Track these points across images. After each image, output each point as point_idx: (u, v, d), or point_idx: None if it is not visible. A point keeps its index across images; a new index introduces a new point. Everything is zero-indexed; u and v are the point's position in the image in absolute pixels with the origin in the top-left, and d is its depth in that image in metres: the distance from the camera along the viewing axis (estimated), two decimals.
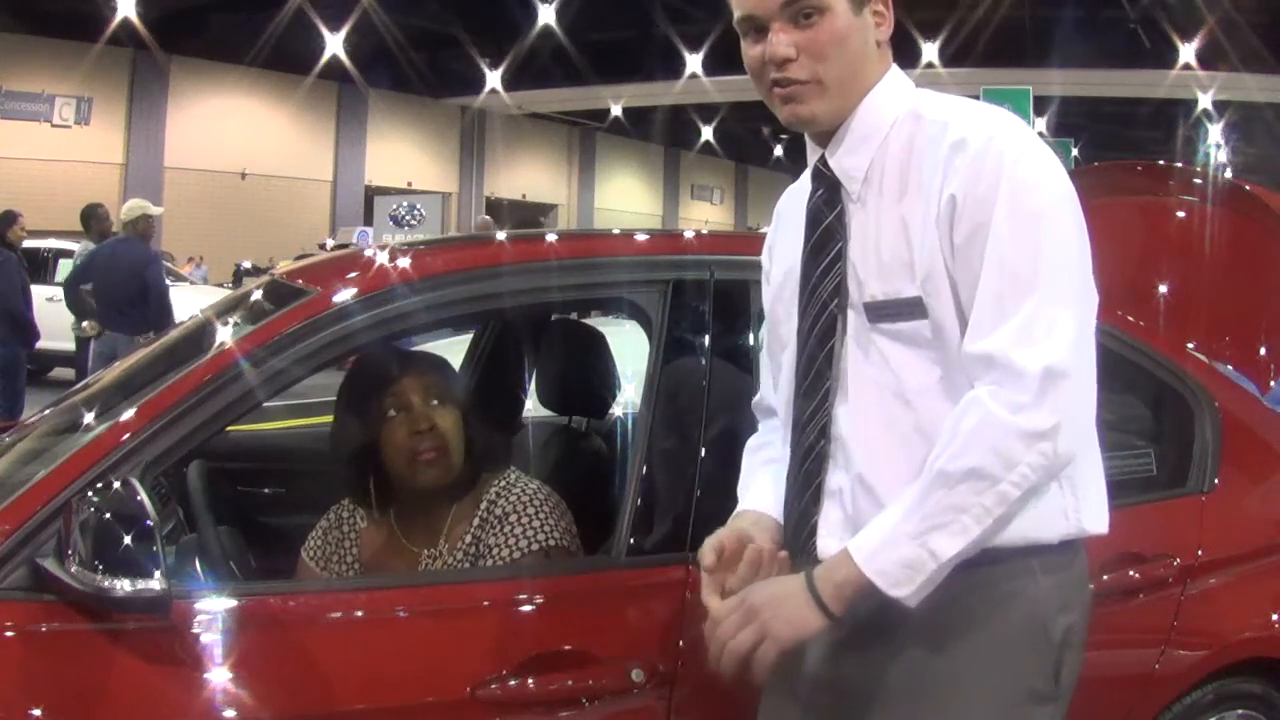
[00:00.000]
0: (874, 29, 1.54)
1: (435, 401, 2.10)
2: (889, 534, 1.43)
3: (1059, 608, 1.52)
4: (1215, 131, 24.44)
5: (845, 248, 1.55)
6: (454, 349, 3.19)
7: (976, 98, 1.64)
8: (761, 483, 1.73)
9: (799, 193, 1.69)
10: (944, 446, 1.43)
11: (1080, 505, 1.53)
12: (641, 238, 2.41)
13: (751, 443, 1.81)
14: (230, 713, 1.66)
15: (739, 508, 1.70)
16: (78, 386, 2.65)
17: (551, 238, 2.31)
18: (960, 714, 1.50)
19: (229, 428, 1.95)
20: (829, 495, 1.57)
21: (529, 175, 30.14)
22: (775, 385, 1.74)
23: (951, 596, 1.45)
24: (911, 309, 1.49)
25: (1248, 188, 2.69)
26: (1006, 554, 1.48)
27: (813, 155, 1.62)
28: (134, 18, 17.54)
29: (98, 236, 8.28)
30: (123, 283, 7.37)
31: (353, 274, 2.06)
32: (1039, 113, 19.66)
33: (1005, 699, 1.51)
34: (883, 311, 1.51)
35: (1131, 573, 2.13)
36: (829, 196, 1.58)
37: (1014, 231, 1.43)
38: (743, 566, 1.56)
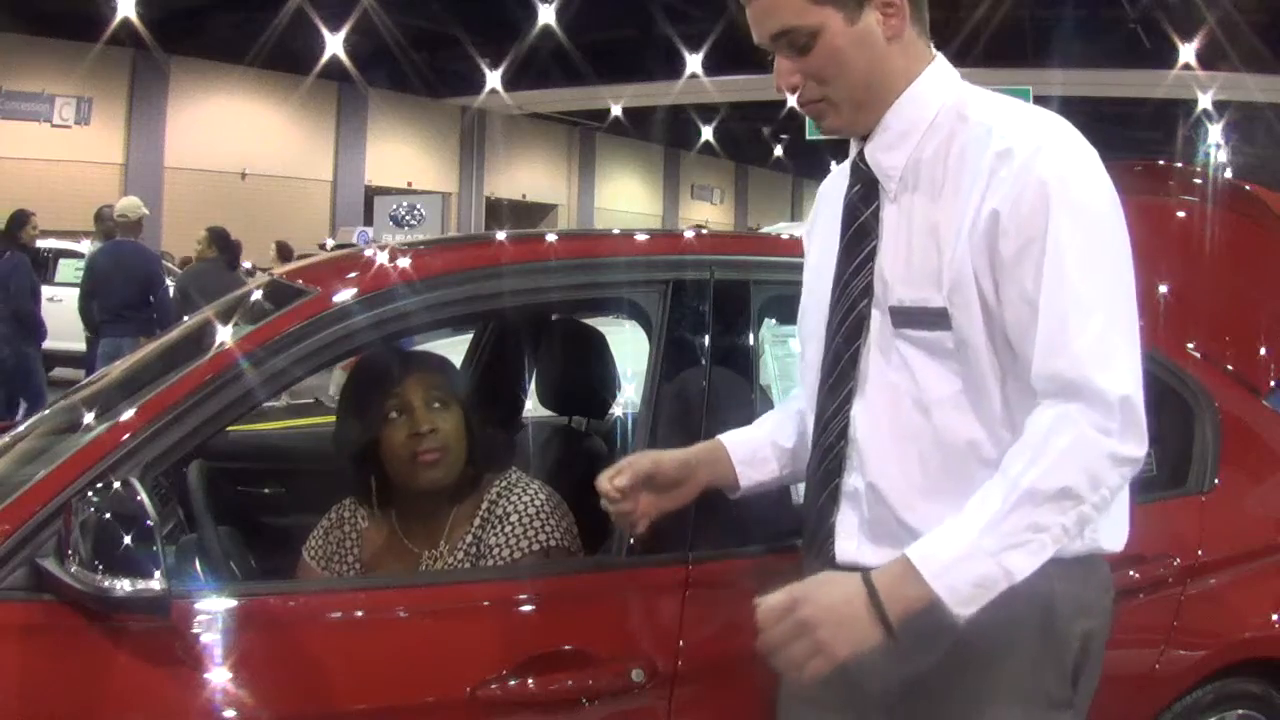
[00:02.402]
0: (880, 27, 1.49)
1: (437, 404, 2.09)
2: (965, 550, 1.37)
3: (1076, 612, 1.51)
4: (1215, 131, 24.42)
5: (877, 246, 1.53)
6: (454, 349, 3.19)
7: None
8: (761, 424, 1.78)
9: (838, 179, 1.68)
10: (1031, 462, 1.38)
11: (1099, 524, 1.50)
12: (641, 238, 2.41)
13: (794, 392, 1.82)
14: (230, 713, 1.66)
15: (721, 435, 1.77)
16: (78, 386, 2.65)
17: (551, 238, 2.31)
18: (977, 717, 1.50)
19: (229, 428, 1.95)
20: (846, 497, 1.57)
21: (529, 175, 30.12)
22: (804, 374, 1.73)
23: None
24: (936, 319, 1.47)
25: (1248, 188, 2.69)
26: None
27: (854, 147, 1.60)
28: (134, 18, 17.51)
29: (103, 237, 8.31)
30: (124, 285, 7.37)
31: (353, 274, 2.05)
32: None
33: (1022, 703, 1.50)
34: (908, 318, 1.49)
35: (1131, 573, 2.13)
36: (865, 193, 1.56)
37: (1075, 250, 1.39)
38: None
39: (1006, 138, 1.44)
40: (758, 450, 1.75)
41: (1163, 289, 2.54)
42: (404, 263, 2.04)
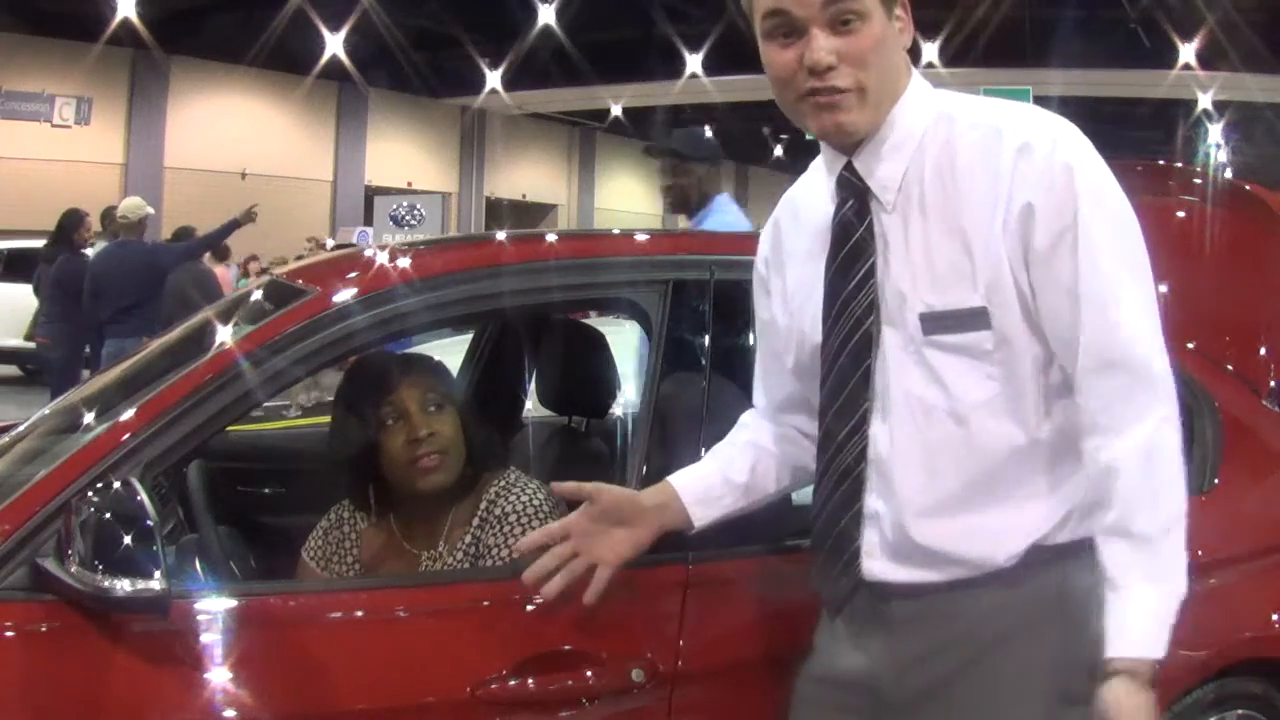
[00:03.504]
0: (899, 33, 1.51)
1: (433, 408, 2.09)
2: (1148, 615, 1.43)
3: (1095, 608, 1.51)
4: (1215, 131, 24.41)
5: (877, 261, 1.52)
6: (454, 349, 3.19)
7: None
8: (712, 460, 1.76)
9: (804, 198, 1.65)
10: (1150, 509, 1.42)
11: None
12: (641, 238, 2.41)
13: (745, 417, 1.81)
14: (230, 713, 1.66)
15: (670, 476, 1.74)
16: (79, 386, 2.65)
17: (551, 238, 2.31)
18: (1001, 716, 1.50)
19: (229, 428, 1.95)
20: (868, 519, 1.55)
21: (529, 175, 30.09)
22: (768, 387, 1.74)
23: (994, 601, 1.46)
24: (974, 320, 1.46)
25: (1248, 188, 2.69)
26: (1050, 554, 1.49)
27: (833, 163, 1.57)
28: (134, 18, 17.49)
29: (110, 238, 8.32)
30: (127, 285, 7.39)
31: (353, 274, 2.05)
32: None
33: (1042, 702, 1.50)
34: (941, 323, 1.47)
35: None
36: (859, 207, 1.53)
37: (1106, 236, 1.43)
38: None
39: (1020, 134, 1.45)
40: (710, 488, 1.73)
41: (1163, 289, 2.53)
42: (404, 263, 2.04)
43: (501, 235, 2.36)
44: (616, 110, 26.25)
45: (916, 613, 1.42)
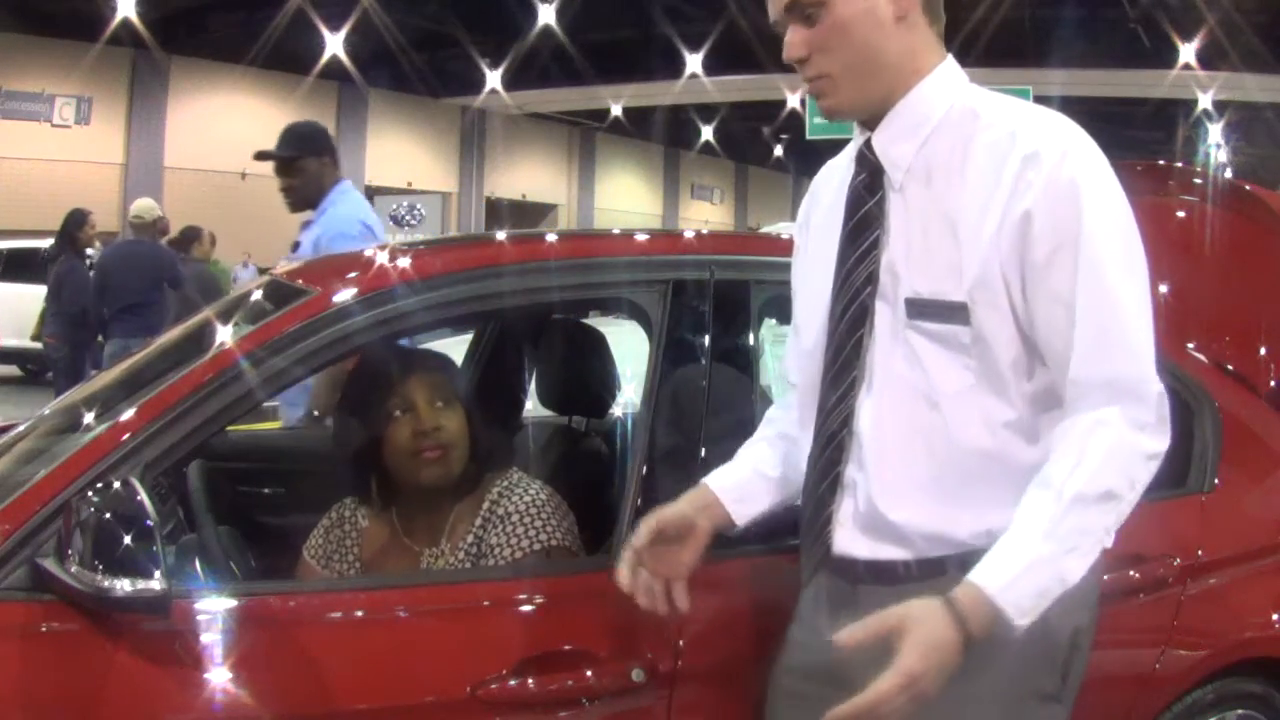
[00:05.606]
0: (890, 5, 1.51)
1: (440, 403, 2.10)
2: (1025, 563, 1.39)
3: (1066, 608, 1.51)
4: (1215, 131, 24.43)
5: (882, 236, 1.54)
6: (454, 350, 3.19)
7: None
8: (744, 457, 1.76)
9: (838, 169, 1.69)
10: (1073, 469, 1.41)
11: None
12: (641, 238, 2.40)
13: (771, 411, 1.82)
14: (230, 713, 1.66)
15: (706, 478, 1.75)
16: (80, 386, 2.65)
17: (551, 238, 2.31)
18: (969, 713, 1.50)
19: (229, 428, 1.95)
20: (845, 487, 1.58)
21: (529, 175, 30.11)
22: (798, 362, 1.74)
23: None
24: (954, 313, 1.48)
25: (1248, 188, 2.69)
26: None
27: (859, 137, 1.61)
28: (134, 18, 17.51)
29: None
30: (130, 284, 7.40)
31: (353, 274, 2.05)
32: None
33: (1014, 698, 1.51)
34: (924, 310, 1.50)
35: (1131, 573, 2.13)
36: (870, 182, 1.57)
37: (1110, 253, 1.43)
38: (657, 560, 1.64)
39: (1032, 141, 1.45)
40: (746, 486, 1.74)
41: (1163, 289, 2.54)
42: (404, 263, 2.04)
43: (501, 235, 2.36)
44: (616, 110, 26.27)
45: (886, 603, 1.42)
